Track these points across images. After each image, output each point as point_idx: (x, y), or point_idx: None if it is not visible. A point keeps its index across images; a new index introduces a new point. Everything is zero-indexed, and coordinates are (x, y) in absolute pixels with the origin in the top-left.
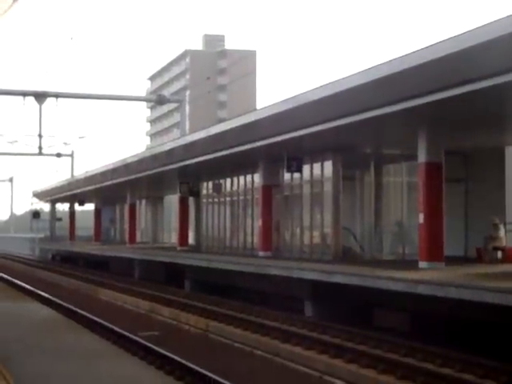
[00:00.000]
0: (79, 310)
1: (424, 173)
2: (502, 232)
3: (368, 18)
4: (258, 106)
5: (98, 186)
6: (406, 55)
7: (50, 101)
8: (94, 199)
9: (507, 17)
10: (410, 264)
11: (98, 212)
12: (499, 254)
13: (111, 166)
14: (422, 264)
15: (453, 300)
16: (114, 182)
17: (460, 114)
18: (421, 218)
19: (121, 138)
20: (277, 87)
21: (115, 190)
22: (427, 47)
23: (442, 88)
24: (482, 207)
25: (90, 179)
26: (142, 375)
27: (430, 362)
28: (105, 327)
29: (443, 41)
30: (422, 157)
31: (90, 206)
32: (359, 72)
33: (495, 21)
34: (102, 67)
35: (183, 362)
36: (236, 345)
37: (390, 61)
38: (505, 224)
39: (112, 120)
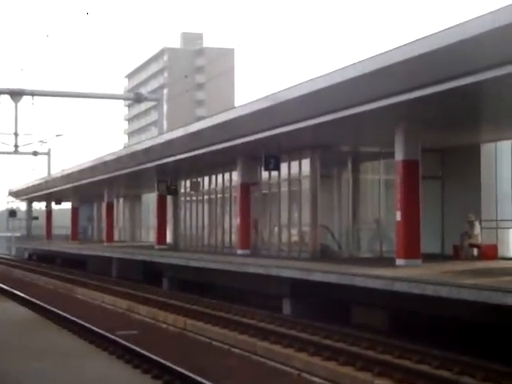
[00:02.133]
0: (56, 310)
1: (401, 170)
2: (477, 229)
3: (346, 14)
4: (237, 104)
5: (75, 184)
6: (383, 53)
7: (26, 99)
8: (71, 198)
9: (483, 15)
10: (388, 261)
11: (75, 210)
12: (475, 251)
13: (88, 165)
14: (399, 261)
15: (429, 297)
16: (92, 180)
17: (436, 112)
18: (398, 215)
19: (98, 136)
20: (255, 85)
21: (92, 189)
22: (403, 46)
23: (418, 86)
24: (458, 205)
25: (66, 177)
26: (118, 374)
27: (407, 359)
28: (82, 326)
29: (419, 39)
30: (399, 154)
31: (67, 205)
32: (336, 70)
33: (470, 20)
34: (78, 65)
35: (161, 360)
36: (214, 343)
37: (367, 59)
38: (480, 221)
39: (89, 118)
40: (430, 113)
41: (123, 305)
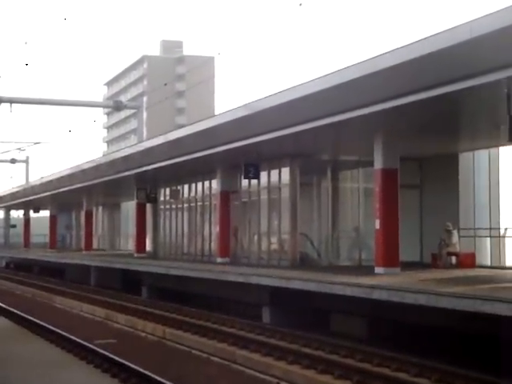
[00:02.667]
0: (34, 319)
1: (380, 179)
2: (455, 237)
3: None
4: (217, 112)
5: (53, 192)
6: (360, 63)
7: (4, 106)
8: (49, 205)
9: (464, 24)
10: (367, 270)
11: (53, 219)
12: (453, 260)
13: (67, 172)
14: (378, 269)
15: (408, 305)
16: (70, 188)
17: (414, 122)
18: (377, 223)
19: (77, 144)
20: (235, 93)
21: (71, 197)
22: (378, 56)
23: (396, 95)
24: (436, 213)
25: (45, 185)
26: (96, 383)
27: (385, 367)
28: (60, 335)
29: (397, 48)
30: (378, 163)
31: (45, 213)
32: (315, 79)
33: (444, 31)
34: (57, 72)
35: (139, 369)
36: (193, 352)
37: (346, 68)
38: (458, 230)
39: (68, 126)
40: (407, 122)
41: (102, 313)
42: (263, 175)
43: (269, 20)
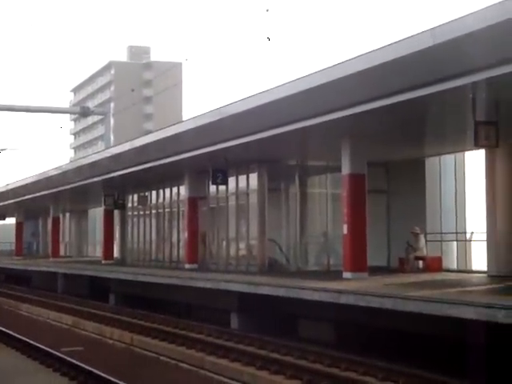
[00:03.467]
0: None
1: (348, 184)
2: (422, 242)
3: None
4: (184, 118)
5: (19, 199)
6: (327, 68)
7: None
8: (15, 213)
9: (426, 30)
10: (335, 274)
11: (19, 226)
12: (420, 264)
13: (33, 179)
14: (346, 274)
15: (376, 309)
16: (36, 195)
17: (381, 127)
18: (345, 228)
19: (44, 150)
20: (204, 99)
21: (38, 204)
22: (346, 61)
23: (362, 101)
24: (403, 218)
25: (10, 192)
26: None
27: (353, 371)
28: (26, 343)
29: (362, 54)
30: (345, 168)
31: (11, 220)
32: (281, 85)
33: (414, 35)
34: (23, 78)
35: (107, 376)
36: (161, 358)
37: (311, 74)
38: (425, 234)
39: (35, 132)
40: (374, 128)
41: (69, 321)
42: (231, 181)
43: (236, 26)
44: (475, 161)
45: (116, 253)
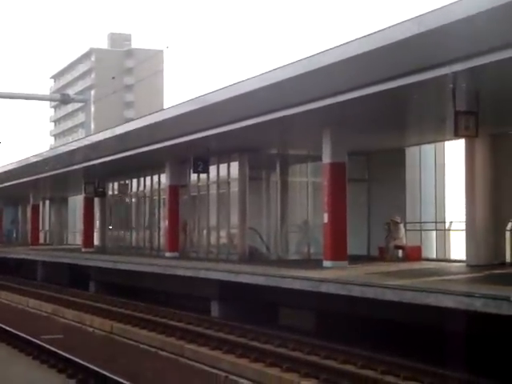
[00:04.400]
0: None
1: (328, 173)
2: (402, 231)
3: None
4: (166, 106)
5: None
6: (307, 58)
7: None
8: None
9: (412, 18)
10: (315, 263)
11: None
12: (400, 253)
13: (13, 166)
14: (327, 263)
15: (356, 298)
16: (16, 182)
17: (361, 116)
18: (325, 217)
19: (23, 137)
20: (185, 87)
21: (17, 191)
22: (327, 50)
23: (343, 91)
24: (383, 207)
25: None
26: (43, 379)
27: (333, 360)
28: (5, 331)
29: (344, 43)
30: (326, 157)
31: None
32: (262, 74)
33: (398, 23)
34: (2, 65)
35: (86, 364)
36: (141, 346)
37: (294, 62)
38: (405, 223)
39: (14, 119)
40: (354, 117)
41: (48, 308)
42: (212, 169)
43: (218, 13)
44: (455, 151)
45: (96, 241)
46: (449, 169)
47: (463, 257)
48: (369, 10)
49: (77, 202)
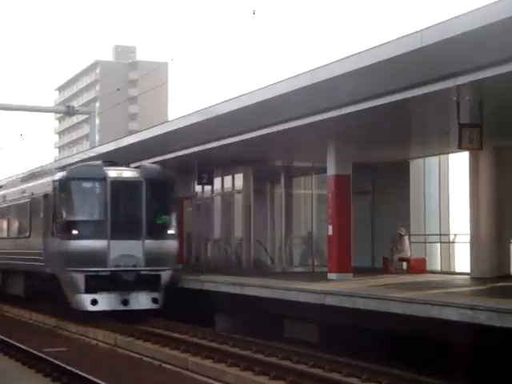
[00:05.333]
0: None
1: (333, 185)
2: (407, 243)
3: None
4: (170, 118)
5: None
6: (312, 70)
7: None
8: None
9: (414, 32)
10: (320, 275)
11: None
12: (404, 265)
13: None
14: (331, 275)
15: (360, 311)
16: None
17: (365, 129)
18: (330, 229)
19: (28, 149)
20: (189, 99)
21: None
22: (332, 62)
23: (347, 103)
24: (387, 219)
25: None
26: None
27: (337, 372)
28: (8, 344)
29: (348, 56)
30: (331, 169)
31: None
32: (268, 86)
33: (401, 37)
34: (8, 77)
35: (90, 377)
36: (145, 359)
37: (298, 75)
38: (409, 235)
39: (19, 131)
40: (359, 129)
41: (52, 322)
42: (217, 181)
43: (223, 26)
44: (459, 163)
45: None
46: (453, 181)
47: (467, 269)
48: (375, 24)
49: None
